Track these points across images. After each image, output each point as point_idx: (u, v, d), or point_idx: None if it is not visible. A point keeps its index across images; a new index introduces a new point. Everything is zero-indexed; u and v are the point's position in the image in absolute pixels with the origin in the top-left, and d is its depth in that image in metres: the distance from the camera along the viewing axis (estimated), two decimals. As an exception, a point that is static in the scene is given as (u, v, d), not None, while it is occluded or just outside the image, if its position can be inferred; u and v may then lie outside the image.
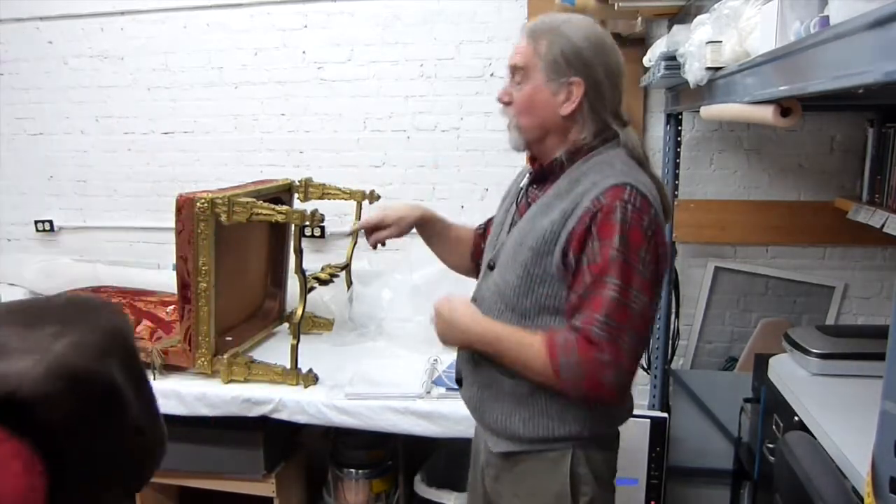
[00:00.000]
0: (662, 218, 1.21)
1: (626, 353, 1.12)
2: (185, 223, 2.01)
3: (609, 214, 1.14)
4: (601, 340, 1.11)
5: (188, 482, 2.30)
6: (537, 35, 1.25)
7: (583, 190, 1.20)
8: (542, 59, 1.23)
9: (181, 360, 2.14)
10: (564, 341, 1.15)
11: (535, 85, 1.24)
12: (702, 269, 2.61)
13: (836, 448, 1.37)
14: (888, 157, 2.04)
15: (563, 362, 1.14)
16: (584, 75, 1.21)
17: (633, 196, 1.15)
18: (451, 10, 2.62)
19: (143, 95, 2.92)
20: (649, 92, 2.53)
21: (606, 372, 1.12)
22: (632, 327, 1.12)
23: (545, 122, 1.25)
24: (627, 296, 1.12)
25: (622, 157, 1.24)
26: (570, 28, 1.23)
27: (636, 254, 1.13)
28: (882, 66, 0.70)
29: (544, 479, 1.27)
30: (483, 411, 1.34)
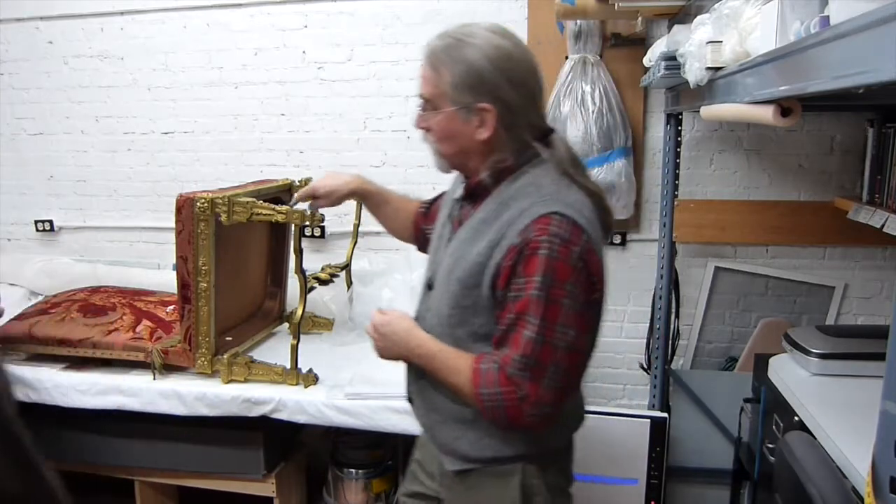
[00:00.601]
0: (597, 236, 1.16)
1: (546, 389, 1.11)
2: (185, 223, 2.01)
3: (535, 250, 1.09)
4: (518, 379, 1.11)
5: (188, 482, 2.30)
6: (436, 62, 1.18)
7: (509, 218, 1.15)
8: (446, 87, 1.17)
9: (181, 360, 2.14)
10: (486, 371, 1.15)
11: (445, 114, 1.19)
12: (702, 269, 2.61)
13: (836, 448, 1.37)
14: (888, 157, 2.04)
15: (484, 392, 1.14)
16: (492, 99, 1.15)
17: (561, 226, 1.10)
18: (451, 10, 2.62)
19: (143, 95, 2.92)
20: (649, 92, 2.53)
21: (524, 407, 1.12)
22: (555, 362, 1.11)
23: (465, 147, 1.21)
24: (550, 334, 1.10)
25: (551, 175, 1.18)
26: (470, 50, 1.15)
27: (562, 288, 1.09)
28: (882, 66, 0.70)
29: (496, 493, 1.27)
30: (433, 433, 1.35)
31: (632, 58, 2.43)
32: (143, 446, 2.26)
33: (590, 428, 2.30)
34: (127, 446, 2.27)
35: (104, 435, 2.27)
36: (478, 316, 1.20)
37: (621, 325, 2.72)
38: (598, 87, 2.42)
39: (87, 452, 2.31)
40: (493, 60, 1.14)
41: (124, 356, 2.19)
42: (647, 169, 2.58)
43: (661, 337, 2.47)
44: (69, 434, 2.30)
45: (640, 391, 2.74)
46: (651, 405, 2.54)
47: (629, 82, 2.48)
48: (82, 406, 2.15)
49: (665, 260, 2.43)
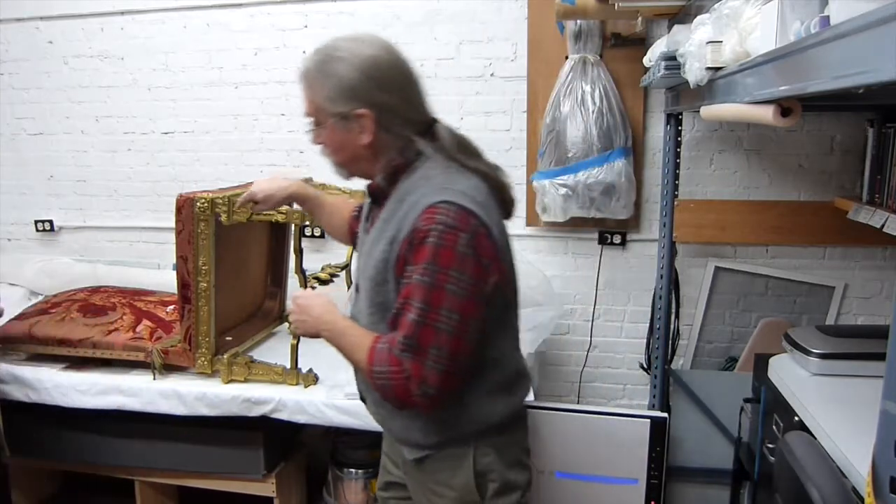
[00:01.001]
0: (493, 218, 1.21)
1: (428, 370, 1.16)
2: (185, 223, 2.01)
3: (423, 239, 1.14)
4: (402, 359, 1.16)
5: (188, 482, 2.30)
6: (310, 81, 1.24)
7: (404, 213, 1.20)
8: (322, 102, 1.23)
9: (181, 360, 2.14)
10: (380, 350, 1.20)
11: (329, 127, 1.25)
12: (702, 269, 2.61)
13: (837, 448, 1.37)
14: (888, 157, 2.04)
15: (376, 370, 1.20)
16: (367, 104, 1.20)
17: (448, 214, 1.14)
18: (451, 10, 2.62)
19: (143, 95, 2.92)
20: (649, 92, 2.53)
21: (410, 386, 1.17)
22: (437, 345, 1.15)
23: (354, 154, 1.27)
24: (432, 317, 1.14)
25: (441, 165, 1.23)
26: (338, 64, 1.21)
27: (446, 274, 1.13)
28: (882, 66, 0.70)
29: (451, 474, 1.33)
30: (387, 425, 1.42)
31: (632, 58, 2.43)
32: (143, 446, 2.26)
33: (590, 428, 2.32)
34: (127, 446, 2.27)
35: (104, 435, 2.27)
36: (391, 311, 1.24)
37: (621, 325, 2.73)
38: (598, 87, 2.42)
39: (87, 452, 2.31)
40: (361, 69, 1.20)
41: (124, 356, 2.19)
42: (647, 169, 2.58)
43: (661, 337, 2.47)
44: (69, 434, 2.30)
45: (640, 391, 2.74)
46: (651, 405, 2.54)
47: (629, 82, 2.48)
48: (82, 406, 2.15)
49: (665, 260, 2.43)
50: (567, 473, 2.30)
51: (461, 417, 1.29)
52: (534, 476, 1.46)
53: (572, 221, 2.55)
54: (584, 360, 2.75)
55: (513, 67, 2.61)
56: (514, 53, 2.60)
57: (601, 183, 2.41)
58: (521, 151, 2.65)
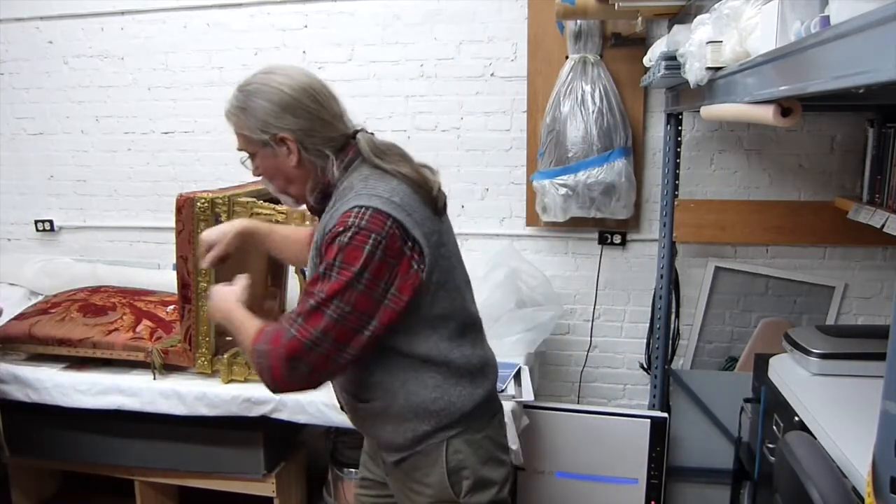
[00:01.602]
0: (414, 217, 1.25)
1: (305, 349, 1.20)
2: (185, 223, 2.01)
3: (332, 240, 1.21)
4: (284, 334, 1.22)
5: (188, 482, 2.30)
6: (233, 119, 1.33)
7: (326, 222, 1.28)
8: (248, 135, 1.32)
9: (181, 359, 2.14)
10: (264, 332, 1.26)
11: (261, 158, 1.34)
12: (702, 269, 2.61)
13: (837, 448, 1.37)
14: (888, 157, 2.04)
15: (258, 348, 1.25)
16: (286, 130, 1.29)
17: (360, 216, 1.20)
18: (451, 10, 2.62)
19: (143, 95, 2.92)
20: (649, 92, 2.53)
21: (281, 364, 1.22)
22: (321, 331, 1.20)
23: (289, 177, 1.34)
24: (326, 305, 1.19)
25: (363, 174, 1.30)
26: (251, 99, 1.29)
27: (349, 270, 1.19)
28: (882, 66, 0.70)
29: (427, 472, 1.35)
30: (364, 430, 1.49)
31: (632, 58, 2.43)
32: (143, 446, 2.26)
33: (590, 428, 2.32)
34: (127, 446, 2.27)
35: (104, 435, 2.27)
36: None
37: (621, 325, 2.73)
38: (598, 86, 2.42)
39: (87, 452, 2.31)
40: (272, 100, 1.28)
41: (124, 356, 2.19)
42: (647, 169, 2.58)
43: (661, 337, 2.48)
44: (69, 434, 2.30)
45: (640, 391, 2.74)
46: (651, 405, 2.54)
47: (629, 82, 2.48)
48: (82, 406, 2.15)
49: (665, 260, 2.43)
50: (567, 473, 2.30)
51: (424, 413, 1.32)
52: (530, 474, 1.46)
53: (572, 221, 2.55)
54: (584, 360, 2.75)
55: (513, 67, 2.61)
56: (514, 53, 2.60)
57: (601, 183, 2.41)
58: (521, 151, 2.65)
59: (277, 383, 1.25)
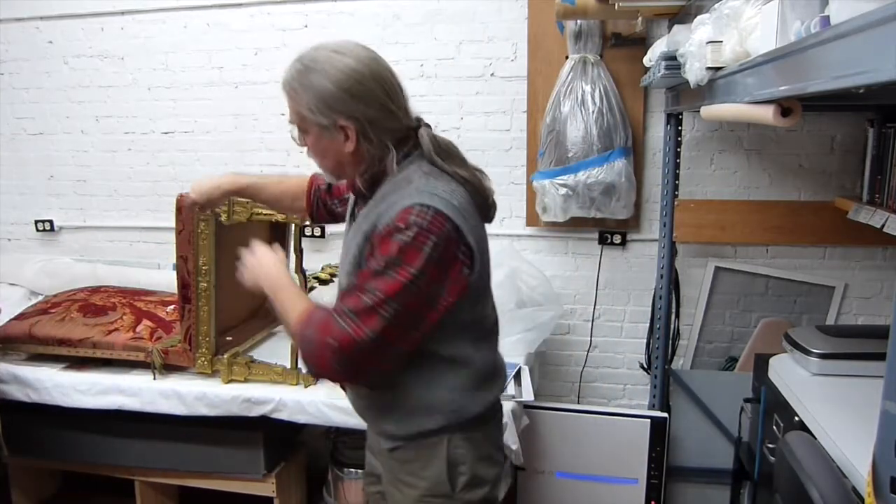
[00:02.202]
0: (470, 223, 1.24)
1: (357, 348, 1.17)
2: (185, 223, 2.01)
3: (391, 234, 1.17)
4: (336, 327, 1.18)
5: (188, 482, 2.30)
6: (290, 92, 1.27)
7: (381, 211, 1.23)
8: (305, 113, 1.25)
9: (181, 359, 2.14)
10: (313, 316, 1.23)
11: (314, 137, 1.28)
12: (702, 269, 2.61)
13: (837, 448, 1.37)
14: (888, 157, 2.04)
15: (305, 332, 1.22)
16: (348, 116, 1.23)
17: (421, 216, 1.17)
18: (451, 10, 2.62)
19: (143, 95, 2.92)
20: (649, 92, 2.53)
21: (330, 356, 1.19)
22: (374, 331, 1.17)
23: (339, 160, 1.29)
24: (382, 306, 1.16)
25: (423, 169, 1.26)
26: (315, 76, 1.22)
27: (407, 271, 1.16)
28: (882, 66, 0.70)
29: (424, 464, 1.35)
30: (365, 417, 1.46)
31: (632, 58, 2.43)
32: (143, 446, 2.26)
33: (590, 428, 2.32)
34: (127, 446, 2.27)
35: (104, 435, 2.27)
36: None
37: (621, 325, 2.73)
38: (598, 86, 2.42)
39: (87, 452, 2.31)
40: (338, 83, 1.21)
41: (124, 356, 2.19)
42: (647, 169, 2.58)
43: (661, 337, 2.47)
44: (69, 434, 2.30)
45: (640, 391, 2.74)
46: (651, 405, 2.54)
47: (629, 82, 2.48)
48: (82, 406, 2.15)
49: (665, 260, 2.43)
50: (567, 473, 2.31)
51: (435, 411, 1.32)
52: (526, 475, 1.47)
53: (572, 221, 2.55)
54: (584, 360, 2.75)
55: (513, 67, 2.61)
56: (514, 53, 2.60)
57: (601, 183, 2.41)
58: (521, 151, 2.65)
59: (322, 372, 1.25)
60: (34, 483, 2.60)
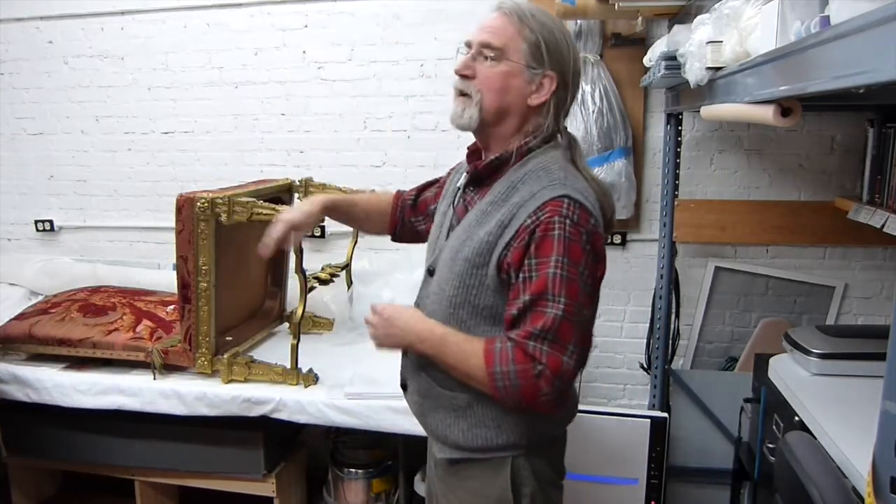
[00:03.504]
0: (601, 223, 1.21)
1: (564, 365, 1.13)
2: (185, 223, 2.01)
3: (548, 231, 1.13)
4: (538, 353, 1.12)
5: (188, 482, 2.30)
6: (522, 18, 1.22)
7: (519, 200, 1.19)
8: (525, 42, 1.21)
9: (181, 359, 2.14)
10: (500, 350, 1.15)
11: (512, 67, 1.22)
12: (702, 269, 2.61)
13: (837, 448, 1.37)
14: (888, 157, 2.04)
15: (497, 371, 1.14)
16: (558, 71, 1.23)
17: (572, 210, 1.14)
18: (451, 10, 2.62)
19: (143, 95, 2.92)
20: (649, 92, 2.53)
21: (542, 384, 1.12)
22: (573, 341, 1.13)
23: (511, 105, 1.25)
24: (570, 310, 1.12)
25: (560, 162, 1.24)
26: (551, 22, 1.24)
27: (576, 269, 1.13)
28: (882, 66, 0.70)
29: (486, 484, 1.29)
30: (425, 419, 1.37)
31: (632, 58, 2.43)
32: (143, 446, 2.26)
33: (590, 428, 2.32)
34: (127, 446, 2.27)
35: (104, 435, 2.27)
36: (481, 295, 1.22)
37: (621, 325, 2.73)
38: (598, 86, 2.42)
39: (87, 452, 2.31)
40: (568, 40, 1.25)
41: (124, 356, 2.19)
42: (647, 169, 2.58)
43: (661, 337, 2.47)
44: (69, 434, 2.30)
45: (640, 391, 2.74)
46: (651, 405, 2.54)
47: (629, 82, 2.48)
48: (82, 406, 2.15)
49: (665, 260, 2.43)
50: (567, 473, 2.30)
51: (507, 425, 1.26)
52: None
53: (572, 221, 2.55)
54: (584, 360, 2.74)
55: (513, 67, 2.60)
56: (514, 53, 2.59)
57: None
58: (521, 151, 2.65)
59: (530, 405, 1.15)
60: (34, 483, 2.61)
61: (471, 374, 1.19)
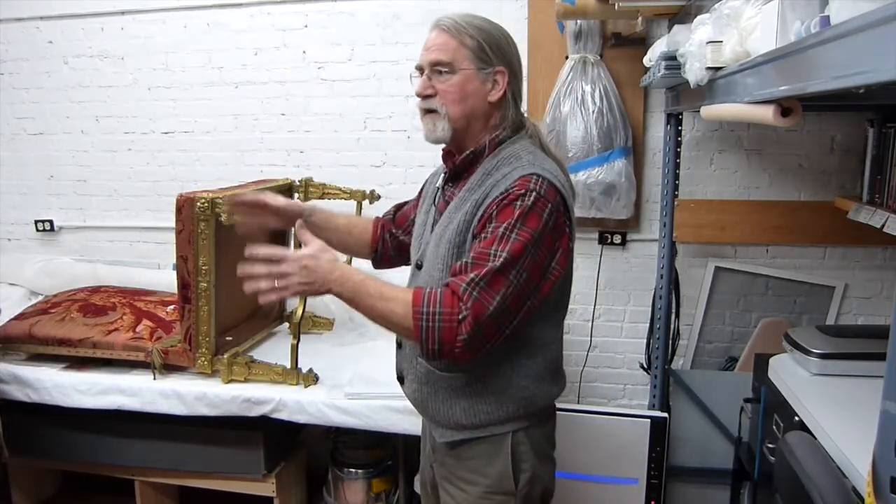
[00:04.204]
0: (570, 201, 1.32)
1: (488, 315, 1.17)
2: (185, 223, 2.01)
3: (512, 201, 1.22)
4: (467, 297, 1.17)
5: (188, 482, 2.30)
6: (457, 29, 1.32)
7: (493, 181, 1.28)
8: (469, 50, 1.31)
9: (181, 359, 2.14)
10: (430, 293, 1.20)
11: (465, 75, 1.31)
12: (702, 269, 2.61)
13: (837, 448, 1.37)
14: (888, 157, 2.04)
15: (424, 311, 1.18)
16: (506, 65, 1.33)
17: (540, 185, 1.23)
18: (451, 10, 2.61)
19: (143, 95, 2.92)
20: (649, 92, 2.53)
21: (462, 329, 1.17)
22: (503, 297, 1.18)
23: (474, 109, 1.33)
24: (507, 269, 1.18)
25: (528, 148, 1.33)
26: (486, 23, 1.34)
27: (529, 234, 1.20)
28: (882, 66, 0.70)
29: (487, 461, 1.35)
30: (426, 405, 1.41)
31: (632, 58, 2.43)
32: (143, 446, 2.26)
33: (590, 428, 2.32)
34: (127, 446, 2.27)
35: (104, 435, 2.27)
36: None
37: (621, 325, 2.73)
38: (598, 87, 2.42)
39: (87, 452, 2.31)
40: (505, 35, 1.35)
41: (124, 356, 2.19)
42: (647, 169, 2.58)
43: (661, 337, 2.47)
44: (69, 434, 2.30)
45: (640, 391, 2.74)
46: (651, 405, 2.54)
47: (629, 82, 2.48)
48: (82, 406, 2.15)
49: (665, 260, 2.43)
50: (567, 473, 2.30)
51: (507, 398, 1.32)
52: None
53: (572, 221, 2.55)
54: (584, 360, 2.75)
55: (513, 67, 2.61)
56: (514, 53, 2.59)
57: (601, 183, 2.41)
58: (521, 151, 2.65)
59: (447, 349, 1.18)
60: (34, 483, 2.61)
61: (393, 319, 1.21)
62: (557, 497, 2.19)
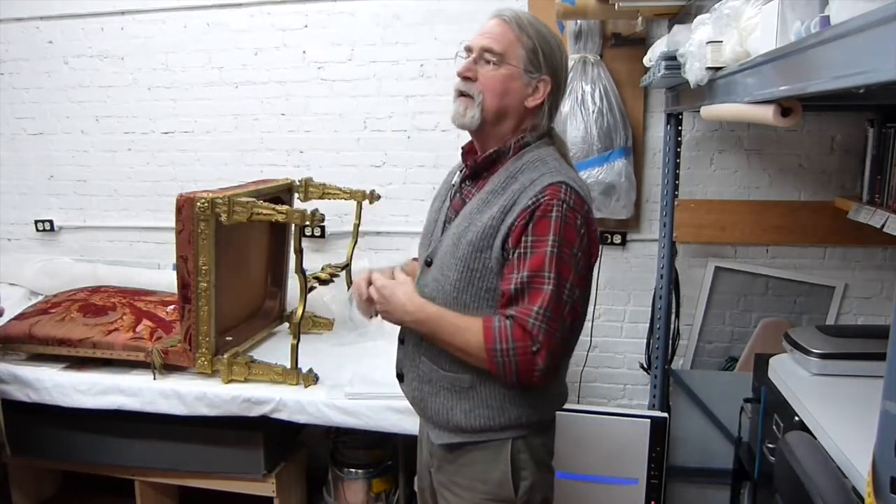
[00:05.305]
0: (593, 211, 1.31)
1: (558, 342, 1.21)
2: (185, 223, 2.01)
3: (547, 212, 1.21)
4: (536, 331, 1.19)
5: (188, 482, 2.30)
6: (522, 25, 1.31)
7: (520, 187, 1.27)
8: (523, 49, 1.30)
9: (181, 359, 2.14)
10: (499, 328, 1.21)
11: (511, 71, 1.31)
12: (702, 269, 2.61)
13: (837, 448, 1.37)
14: (888, 157, 2.04)
15: (497, 348, 1.21)
16: (552, 76, 1.33)
17: (569, 195, 1.23)
18: (451, 10, 2.62)
19: (143, 95, 2.92)
20: (649, 92, 2.53)
21: (538, 360, 1.20)
22: (564, 318, 1.22)
23: (509, 107, 1.33)
24: (561, 290, 1.20)
25: (554, 155, 1.34)
26: (546, 29, 1.34)
27: (570, 249, 1.21)
28: (882, 66, 0.70)
29: (486, 468, 1.34)
30: (425, 405, 1.40)
31: (632, 58, 2.43)
32: (143, 446, 2.26)
33: (590, 428, 2.32)
34: (127, 446, 2.27)
35: (104, 435, 2.27)
36: (484, 279, 1.28)
37: (621, 325, 2.73)
38: (598, 86, 2.42)
39: (87, 452, 2.31)
40: (561, 47, 1.36)
41: (124, 356, 2.19)
42: (647, 169, 2.58)
43: (661, 337, 2.47)
44: (69, 434, 2.30)
45: (640, 391, 2.74)
46: (651, 405, 2.54)
47: (629, 82, 2.48)
48: (82, 406, 2.15)
49: (665, 260, 2.43)
50: (567, 473, 2.30)
51: (510, 405, 1.31)
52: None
53: (572, 221, 2.55)
54: (584, 360, 2.75)
55: (513, 67, 2.61)
56: (514, 53, 2.59)
57: (601, 183, 2.41)
58: (521, 151, 2.65)
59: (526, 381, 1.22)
60: (34, 483, 2.61)
61: (468, 351, 1.25)
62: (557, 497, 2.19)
